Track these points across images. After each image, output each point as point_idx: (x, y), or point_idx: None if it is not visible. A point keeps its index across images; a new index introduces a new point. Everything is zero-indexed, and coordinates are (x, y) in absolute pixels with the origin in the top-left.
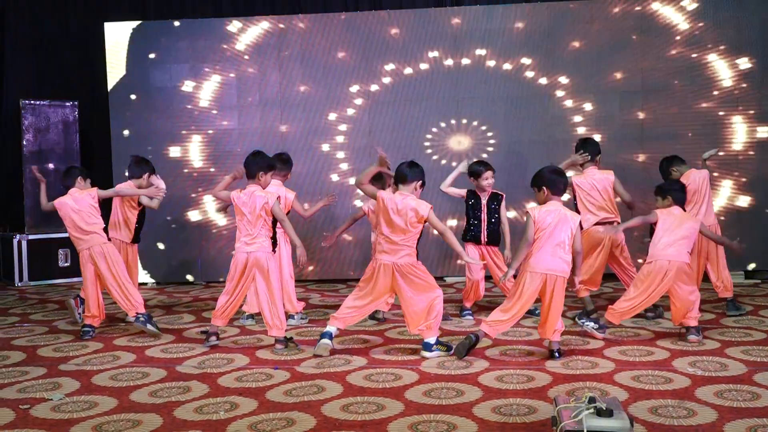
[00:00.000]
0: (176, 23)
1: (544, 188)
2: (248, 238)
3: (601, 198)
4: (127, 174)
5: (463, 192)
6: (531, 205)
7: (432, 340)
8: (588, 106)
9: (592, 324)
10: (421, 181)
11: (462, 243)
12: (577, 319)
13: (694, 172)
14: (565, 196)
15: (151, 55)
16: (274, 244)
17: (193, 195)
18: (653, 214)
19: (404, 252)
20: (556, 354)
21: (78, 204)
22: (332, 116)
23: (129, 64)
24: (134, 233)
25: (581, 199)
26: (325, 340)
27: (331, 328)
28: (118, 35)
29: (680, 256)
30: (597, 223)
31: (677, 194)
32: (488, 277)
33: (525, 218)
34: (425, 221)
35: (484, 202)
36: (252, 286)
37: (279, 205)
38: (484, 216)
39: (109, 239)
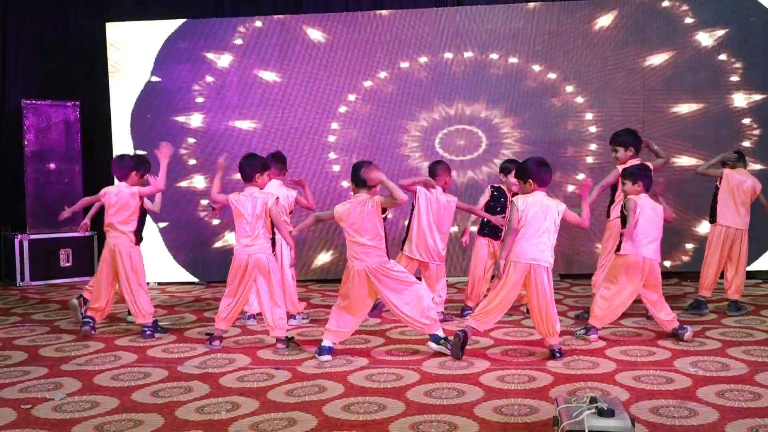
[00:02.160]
0: (178, 23)
1: (530, 180)
2: (248, 240)
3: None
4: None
5: (486, 195)
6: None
7: (440, 333)
8: (591, 106)
9: (582, 332)
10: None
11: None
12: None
13: (745, 173)
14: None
15: (153, 55)
16: (274, 244)
17: (195, 194)
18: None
19: (374, 253)
20: (557, 354)
21: (118, 197)
22: (334, 116)
23: (131, 63)
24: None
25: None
26: (326, 356)
27: (328, 342)
28: (119, 35)
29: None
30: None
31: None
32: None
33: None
34: (383, 208)
35: (510, 198)
36: (254, 287)
37: (277, 206)
38: (508, 213)
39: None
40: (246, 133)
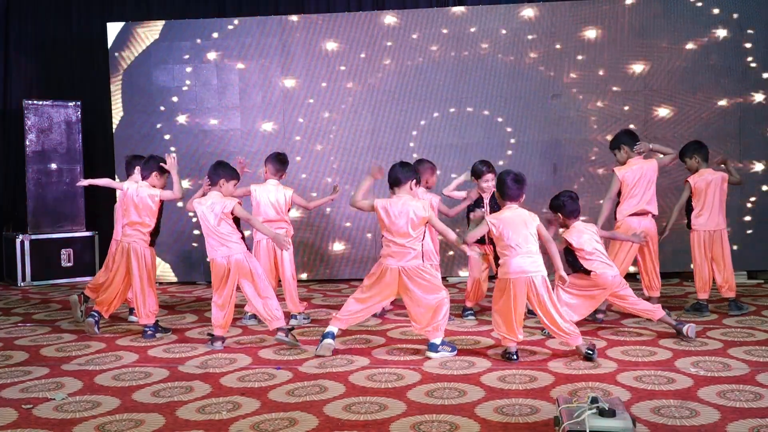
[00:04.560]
0: (179, 23)
1: (498, 193)
2: (218, 244)
3: (643, 189)
4: (140, 172)
5: (463, 194)
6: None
7: (438, 341)
8: (595, 105)
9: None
10: (414, 180)
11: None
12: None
13: (708, 173)
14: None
15: (154, 55)
16: (244, 240)
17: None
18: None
19: (411, 255)
20: (590, 353)
21: (139, 196)
22: (332, 116)
23: (132, 64)
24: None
25: (624, 191)
26: (328, 340)
27: (332, 328)
28: (120, 35)
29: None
30: (632, 215)
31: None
32: (492, 277)
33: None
34: (427, 222)
35: (486, 201)
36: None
37: (241, 207)
38: (487, 215)
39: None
40: (246, 134)
